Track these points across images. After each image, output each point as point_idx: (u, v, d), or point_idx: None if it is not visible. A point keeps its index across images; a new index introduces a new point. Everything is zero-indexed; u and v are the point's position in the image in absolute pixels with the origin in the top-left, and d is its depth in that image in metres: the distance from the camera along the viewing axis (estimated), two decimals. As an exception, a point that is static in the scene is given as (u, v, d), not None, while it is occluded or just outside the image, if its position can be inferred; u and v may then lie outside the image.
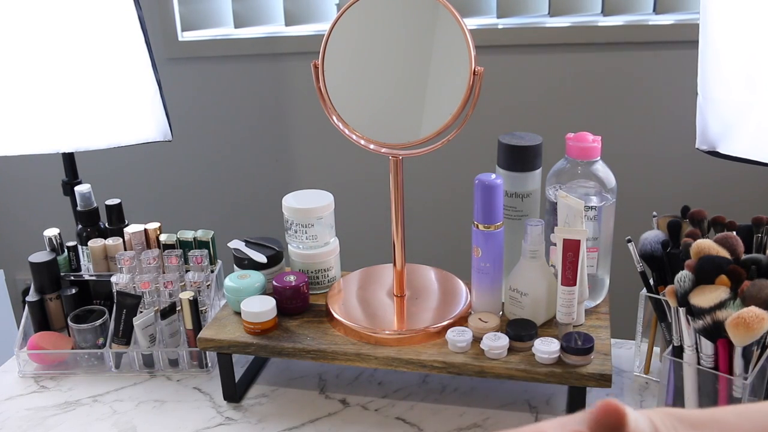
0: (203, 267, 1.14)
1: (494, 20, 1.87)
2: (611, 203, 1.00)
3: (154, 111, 1.42)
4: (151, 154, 1.78)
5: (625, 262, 1.02)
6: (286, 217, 1.08)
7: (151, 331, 1.08)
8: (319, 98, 0.97)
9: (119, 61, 1.38)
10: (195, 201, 2.17)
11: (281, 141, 2.09)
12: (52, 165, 1.55)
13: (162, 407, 1.03)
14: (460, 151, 1.56)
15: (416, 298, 1.05)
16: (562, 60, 1.88)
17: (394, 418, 0.99)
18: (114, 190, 1.34)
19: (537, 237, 0.95)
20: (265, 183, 2.11)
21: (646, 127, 1.88)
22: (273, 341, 0.98)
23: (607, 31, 1.83)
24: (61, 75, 1.35)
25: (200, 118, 2.06)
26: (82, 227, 1.21)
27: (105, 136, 1.41)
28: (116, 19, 1.36)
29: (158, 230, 1.17)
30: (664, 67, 1.82)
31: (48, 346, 1.10)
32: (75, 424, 1.00)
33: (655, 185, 1.87)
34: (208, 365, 1.10)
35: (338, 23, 0.93)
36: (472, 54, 0.89)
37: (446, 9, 0.89)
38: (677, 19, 1.80)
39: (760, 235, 0.93)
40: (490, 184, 0.93)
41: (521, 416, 0.97)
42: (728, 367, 0.82)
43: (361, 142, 0.97)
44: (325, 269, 1.09)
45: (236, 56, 2.01)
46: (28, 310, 1.13)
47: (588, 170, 0.99)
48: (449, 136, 0.93)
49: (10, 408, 1.04)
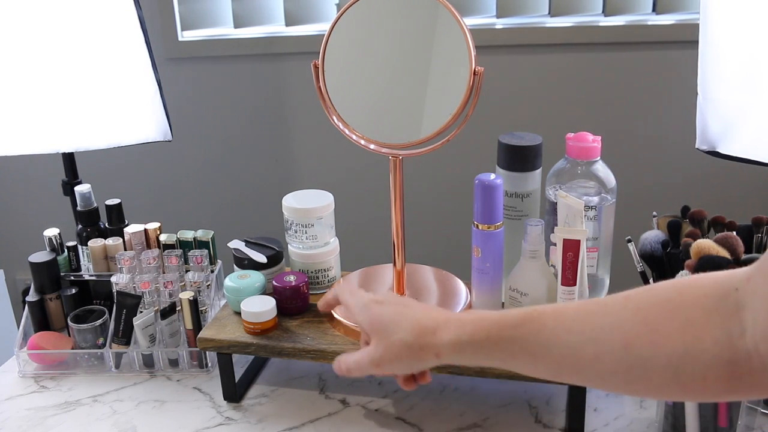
0: (203, 267, 1.14)
1: (494, 20, 1.87)
2: (611, 203, 1.00)
3: (154, 111, 1.42)
4: (151, 154, 1.78)
5: (625, 262, 1.01)
6: (286, 217, 1.08)
7: (151, 331, 1.08)
8: (319, 98, 0.97)
9: (119, 61, 1.38)
10: (195, 201, 2.17)
11: (281, 141, 2.09)
12: (52, 165, 1.55)
13: (162, 407, 1.03)
14: (460, 151, 1.56)
15: (416, 298, 1.05)
16: (562, 60, 1.88)
17: (394, 418, 0.99)
18: (114, 190, 1.34)
19: (537, 237, 0.95)
20: (265, 183, 2.11)
21: (646, 127, 1.88)
22: (273, 341, 0.98)
23: (607, 31, 1.83)
24: (61, 75, 1.35)
25: (200, 118, 2.06)
26: (82, 227, 1.21)
27: (105, 136, 1.41)
28: (116, 19, 1.36)
29: (158, 230, 1.17)
30: (664, 67, 1.82)
31: (48, 346, 1.10)
32: (75, 424, 1.00)
33: (655, 185, 1.87)
34: (208, 365, 1.10)
35: (338, 23, 0.93)
36: (472, 54, 0.89)
37: (446, 9, 0.89)
38: (677, 19, 1.81)
39: (760, 235, 0.93)
40: (490, 184, 0.93)
41: (521, 416, 0.97)
42: (728, 367, 0.82)
43: (361, 142, 0.97)
44: (325, 269, 1.09)
45: (236, 56, 2.01)
46: (28, 310, 1.13)
47: (588, 170, 0.99)
48: (449, 136, 0.93)
49: (10, 408, 1.04)
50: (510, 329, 0.63)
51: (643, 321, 0.57)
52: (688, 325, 0.55)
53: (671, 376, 0.56)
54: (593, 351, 0.59)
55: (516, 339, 0.63)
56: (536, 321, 0.62)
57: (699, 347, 0.54)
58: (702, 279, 0.58)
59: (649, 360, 0.56)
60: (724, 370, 0.54)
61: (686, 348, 0.55)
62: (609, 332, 0.59)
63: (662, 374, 0.56)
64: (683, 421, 0.86)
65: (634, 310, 0.58)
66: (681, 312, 0.56)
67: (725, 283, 0.56)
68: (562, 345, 0.61)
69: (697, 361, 0.54)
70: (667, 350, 0.55)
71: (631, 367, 0.58)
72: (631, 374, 0.58)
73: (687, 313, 0.56)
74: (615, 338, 0.58)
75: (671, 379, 0.56)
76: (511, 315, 0.64)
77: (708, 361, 0.54)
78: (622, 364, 0.58)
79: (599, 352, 0.59)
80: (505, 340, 0.64)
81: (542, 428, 0.96)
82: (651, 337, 0.56)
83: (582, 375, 0.62)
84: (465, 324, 0.66)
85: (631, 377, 0.58)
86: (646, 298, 0.59)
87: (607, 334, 0.59)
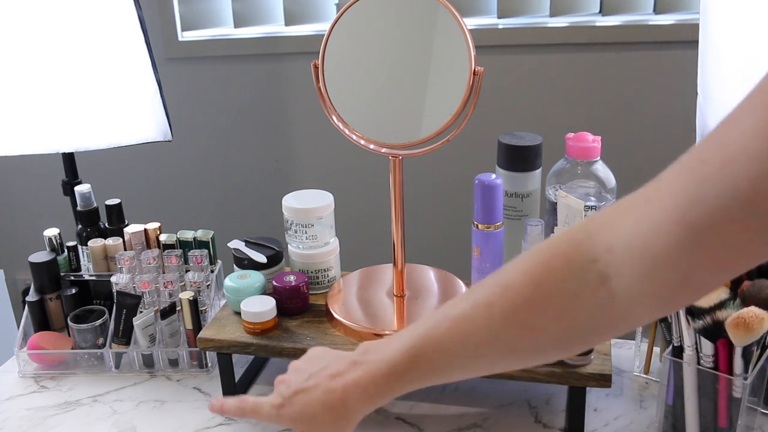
0: (203, 267, 1.14)
1: (494, 20, 1.87)
2: (611, 203, 1.00)
3: (154, 111, 1.42)
4: (151, 154, 1.78)
5: (625, 262, 1.01)
6: (286, 217, 1.08)
7: (151, 331, 1.08)
8: (319, 98, 0.97)
9: (119, 61, 1.38)
10: (195, 201, 2.17)
11: (281, 141, 2.09)
12: (52, 165, 1.55)
13: (162, 407, 1.03)
14: (460, 151, 1.56)
15: (416, 298, 1.05)
16: (562, 60, 1.88)
17: (394, 418, 0.99)
18: (114, 190, 1.34)
19: (537, 237, 0.95)
20: (265, 183, 2.11)
21: (646, 127, 1.88)
22: (273, 341, 0.98)
23: (606, 31, 1.83)
24: (61, 75, 1.35)
25: (200, 118, 2.06)
26: (82, 227, 1.21)
27: (105, 136, 1.41)
28: (116, 19, 1.36)
29: (158, 230, 1.17)
30: (664, 67, 1.82)
31: (48, 346, 1.10)
32: (75, 424, 1.00)
33: (655, 185, 1.87)
34: (208, 365, 1.10)
35: (338, 23, 0.93)
36: (472, 54, 0.89)
37: (446, 9, 0.89)
38: (677, 19, 1.81)
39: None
40: (490, 184, 0.93)
41: (521, 416, 0.97)
42: (728, 367, 0.82)
43: (361, 142, 0.97)
44: (325, 269, 1.09)
45: (236, 56, 2.01)
46: (28, 310, 1.13)
47: (588, 170, 0.99)
48: (449, 136, 0.93)
49: (10, 408, 1.04)
50: (403, 375, 0.65)
51: (517, 324, 0.60)
52: (561, 313, 0.58)
53: (562, 353, 0.65)
54: (487, 364, 0.64)
55: (414, 381, 0.66)
56: (422, 358, 0.64)
57: (577, 325, 0.58)
58: (553, 262, 0.59)
59: (536, 350, 0.61)
60: (606, 329, 0.59)
61: (566, 329, 0.59)
62: (492, 347, 0.62)
63: (553, 354, 0.63)
64: (683, 421, 0.86)
65: (502, 317, 0.60)
66: (548, 304, 0.58)
67: (578, 259, 0.57)
68: (457, 367, 0.64)
69: (580, 334, 0.59)
70: (549, 338, 0.60)
71: (524, 360, 0.64)
72: (526, 362, 0.64)
73: (554, 302, 0.58)
74: (500, 349, 0.62)
75: (564, 352, 0.66)
76: (396, 359, 0.65)
77: (589, 330, 0.59)
78: (514, 361, 0.63)
79: (492, 363, 0.64)
80: (404, 384, 0.66)
81: (542, 428, 0.96)
82: (531, 334, 0.60)
83: (484, 373, 0.67)
84: (366, 387, 0.67)
85: (527, 362, 0.64)
86: (509, 300, 0.61)
87: (492, 349, 0.62)
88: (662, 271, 0.51)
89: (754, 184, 0.45)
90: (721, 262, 0.50)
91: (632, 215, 0.53)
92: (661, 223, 0.50)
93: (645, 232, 0.51)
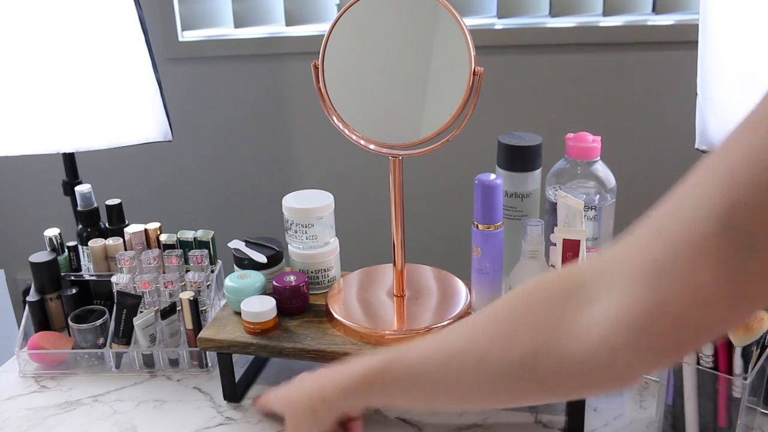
0: (203, 267, 1.14)
1: (494, 20, 1.87)
2: (611, 203, 1.00)
3: (154, 111, 1.42)
4: (151, 154, 1.78)
5: (625, 262, 1.01)
6: (286, 217, 1.08)
7: (151, 331, 1.08)
8: (319, 98, 0.97)
9: (119, 61, 1.38)
10: (195, 201, 2.17)
11: (281, 141, 2.09)
12: (52, 165, 1.55)
13: (162, 407, 1.03)
14: (460, 151, 1.56)
15: (416, 298, 1.05)
16: (562, 60, 1.88)
17: (394, 418, 0.99)
18: (114, 190, 1.34)
19: (537, 237, 0.95)
20: (265, 183, 2.11)
21: (646, 127, 1.88)
22: (273, 341, 0.98)
23: (607, 32, 1.84)
24: (61, 75, 1.35)
25: (200, 118, 2.06)
26: (83, 227, 1.21)
27: (105, 136, 1.41)
28: (116, 19, 1.36)
29: (158, 230, 1.18)
30: (664, 67, 1.82)
31: (48, 346, 1.10)
32: (75, 424, 1.00)
33: (655, 185, 1.86)
34: (208, 365, 1.10)
35: (338, 23, 0.94)
36: (472, 54, 0.89)
37: (446, 9, 0.89)
38: (677, 19, 1.81)
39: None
40: (490, 184, 0.93)
41: (521, 416, 0.97)
42: (728, 366, 0.82)
43: (361, 142, 0.97)
44: (325, 269, 1.09)
45: (236, 56, 2.01)
46: (29, 310, 1.13)
47: (588, 170, 0.99)
48: (449, 136, 0.93)
49: (11, 408, 1.04)
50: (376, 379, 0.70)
51: (494, 331, 0.60)
52: (538, 326, 0.57)
53: (528, 376, 0.58)
54: (455, 372, 0.63)
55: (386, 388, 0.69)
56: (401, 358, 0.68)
57: (550, 345, 0.55)
58: (547, 279, 0.60)
59: (504, 366, 0.59)
60: (575, 364, 0.54)
61: (538, 347, 0.56)
62: (465, 353, 0.62)
63: (520, 375, 0.58)
64: (683, 421, 0.86)
65: (483, 326, 0.61)
66: (530, 315, 0.58)
67: (569, 279, 0.57)
68: (429, 373, 0.65)
69: (549, 357, 0.56)
70: (519, 353, 0.57)
71: (491, 378, 0.60)
72: (493, 384, 0.60)
73: (536, 314, 0.58)
74: (471, 354, 0.62)
75: (529, 378, 0.58)
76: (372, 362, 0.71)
77: (559, 356, 0.55)
78: (481, 376, 0.60)
79: (459, 372, 0.62)
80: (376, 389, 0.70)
81: (542, 428, 0.96)
82: (502, 345, 0.59)
83: (451, 397, 0.66)
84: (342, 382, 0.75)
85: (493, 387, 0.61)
86: (500, 309, 0.62)
87: (463, 354, 0.62)
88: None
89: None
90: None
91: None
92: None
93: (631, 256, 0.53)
